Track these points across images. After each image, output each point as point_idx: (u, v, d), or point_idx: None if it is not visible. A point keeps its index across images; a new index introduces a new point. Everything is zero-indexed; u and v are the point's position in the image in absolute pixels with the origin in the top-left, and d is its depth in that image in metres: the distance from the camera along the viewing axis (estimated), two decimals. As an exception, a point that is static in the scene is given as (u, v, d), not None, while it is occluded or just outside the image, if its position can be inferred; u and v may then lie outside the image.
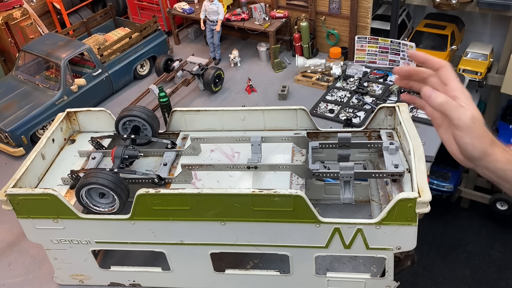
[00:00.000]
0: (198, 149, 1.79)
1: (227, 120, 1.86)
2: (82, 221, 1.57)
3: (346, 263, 1.81)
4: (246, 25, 3.28)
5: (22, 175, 1.61)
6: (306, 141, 1.74)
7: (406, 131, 1.56)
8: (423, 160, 1.44)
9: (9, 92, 2.80)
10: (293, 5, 3.29)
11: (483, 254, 3.94)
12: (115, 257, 1.88)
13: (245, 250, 1.59)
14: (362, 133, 1.80)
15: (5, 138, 2.62)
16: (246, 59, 3.42)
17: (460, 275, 3.75)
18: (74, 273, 1.78)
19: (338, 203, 1.91)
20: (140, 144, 1.85)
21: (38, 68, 2.96)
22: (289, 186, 1.62)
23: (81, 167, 1.79)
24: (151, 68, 3.33)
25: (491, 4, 2.94)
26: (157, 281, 1.77)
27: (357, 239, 1.46)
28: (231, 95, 3.04)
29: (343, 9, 3.12)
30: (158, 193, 1.45)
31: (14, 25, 3.12)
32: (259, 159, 1.67)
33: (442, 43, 3.26)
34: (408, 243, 1.46)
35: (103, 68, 2.99)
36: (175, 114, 1.89)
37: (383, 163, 1.61)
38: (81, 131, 1.98)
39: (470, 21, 3.54)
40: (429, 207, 1.34)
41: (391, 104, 1.73)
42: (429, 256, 3.96)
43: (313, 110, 2.78)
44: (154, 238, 1.59)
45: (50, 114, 2.69)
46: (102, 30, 3.46)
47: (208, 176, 1.71)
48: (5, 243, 2.10)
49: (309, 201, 1.40)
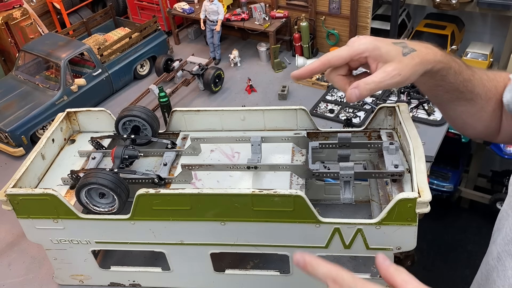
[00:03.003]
0: (198, 149, 1.79)
1: (227, 120, 1.86)
2: (82, 221, 1.57)
3: (346, 263, 1.80)
4: (246, 25, 3.28)
5: (22, 175, 1.61)
6: (306, 141, 1.74)
7: (406, 131, 1.56)
8: (423, 160, 1.44)
9: (9, 92, 2.79)
10: (293, 5, 3.29)
11: (483, 254, 3.93)
12: (115, 257, 1.88)
13: (245, 250, 1.59)
14: (362, 133, 1.80)
15: (5, 138, 2.62)
16: (246, 59, 3.42)
17: (460, 275, 3.74)
18: (74, 273, 1.78)
19: (338, 203, 1.90)
20: (140, 144, 1.85)
21: (38, 68, 2.96)
22: (289, 186, 1.62)
23: (81, 167, 1.79)
24: (151, 68, 3.33)
25: (491, 4, 2.94)
26: (157, 281, 1.77)
27: (357, 239, 1.46)
28: (231, 95, 3.04)
29: (343, 9, 3.12)
30: (158, 193, 1.45)
31: (14, 25, 3.12)
32: (259, 159, 1.67)
33: (442, 43, 3.26)
34: (408, 243, 1.46)
35: (103, 68, 2.99)
36: (175, 114, 1.89)
37: (383, 163, 1.61)
38: (81, 131, 1.98)
39: (470, 21, 3.54)
40: (429, 207, 1.34)
41: (391, 104, 1.73)
42: (429, 256, 3.96)
43: (313, 110, 2.78)
44: (154, 238, 1.59)
45: (50, 114, 2.69)
46: (102, 30, 3.46)
47: (208, 176, 1.71)
48: (5, 243, 2.10)
49: (309, 201, 1.40)
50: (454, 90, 1.13)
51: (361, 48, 1.01)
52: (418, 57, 1.00)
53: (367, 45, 1.00)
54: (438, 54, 1.04)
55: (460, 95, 1.15)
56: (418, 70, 1.00)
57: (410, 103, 2.73)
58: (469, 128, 1.30)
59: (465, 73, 1.12)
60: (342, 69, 1.08)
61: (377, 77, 0.97)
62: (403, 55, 0.99)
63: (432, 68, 1.03)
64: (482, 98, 1.18)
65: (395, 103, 1.87)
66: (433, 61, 1.03)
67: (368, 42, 1.01)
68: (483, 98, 1.18)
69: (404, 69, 0.98)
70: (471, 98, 1.17)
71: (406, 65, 0.98)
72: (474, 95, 1.16)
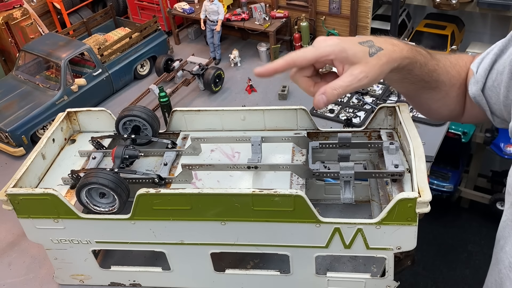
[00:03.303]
0: (198, 149, 1.79)
1: (227, 120, 1.86)
2: (83, 221, 1.57)
3: (346, 263, 1.81)
4: (246, 25, 3.28)
5: (23, 175, 1.61)
6: (306, 141, 1.74)
7: (406, 131, 1.56)
8: (423, 160, 1.44)
9: (9, 92, 2.79)
10: (293, 5, 3.29)
11: (483, 254, 3.94)
12: (115, 257, 1.88)
13: (245, 250, 1.60)
14: (362, 133, 1.80)
15: (5, 138, 2.62)
16: (246, 59, 3.42)
17: (460, 275, 3.75)
18: (75, 273, 1.79)
19: (338, 203, 1.91)
20: (141, 144, 1.85)
21: (38, 68, 2.96)
22: (289, 186, 1.62)
23: (82, 167, 1.79)
24: (151, 68, 3.33)
25: (491, 4, 2.94)
26: (157, 281, 1.77)
27: (357, 239, 1.46)
28: (231, 95, 3.04)
29: (343, 9, 3.12)
30: (159, 193, 1.45)
31: (14, 25, 3.12)
32: (259, 159, 1.67)
33: (442, 43, 3.26)
34: (408, 243, 1.46)
35: (103, 68, 2.99)
36: (175, 114, 1.89)
37: (383, 163, 1.62)
38: (81, 131, 1.99)
39: (470, 21, 3.54)
40: (429, 207, 1.34)
41: (391, 104, 1.73)
42: (429, 256, 3.96)
43: (313, 110, 2.77)
44: (155, 238, 1.59)
45: (50, 114, 2.69)
46: (102, 30, 3.46)
47: (208, 176, 1.71)
48: (6, 243, 2.10)
49: (309, 201, 1.40)
50: (420, 81, 1.14)
51: (327, 50, 0.99)
52: (385, 56, 0.99)
53: (333, 47, 0.98)
54: (404, 50, 1.03)
55: (426, 84, 1.16)
56: (385, 70, 1.00)
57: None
58: (434, 113, 1.34)
59: (430, 64, 1.12)
60: (307, 70, 1.06)
61: (344, 81, 0.96)
62: (369, 55, 0.98)
63: (399, 65, 1.03)
64: (447, 84, 1.19)
65: (395, 103, 1.87)
66: (400, 58, 1.02)
67: (335, 44, 0.99)
68: (447, 84, 1.19)
69: (371, 71, 0.97)
70: (436, 86, 1.18)
71: (373, 66, 0.97)
72: (439, 83, 1.17)
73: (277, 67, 1.03)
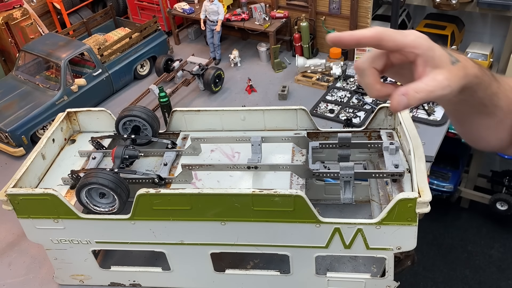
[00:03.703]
0: (198, 149, 1.79)
1: (227, 120, 1.86)
2: (83, 221, 1.57)
3: (346, 263, 1.81)
4: (246, 25, 3.28)
5: (23, 175, 1.61)
6: (306, 141, 1.74)
7: (406, 131, 1.56)
8: (423, 160, 1.44)
9: (9, 92, 2.79)
10: (293, 5, 3.29)
11: (483, 254, 3.94)
12: (115, 257, 1.88)
13: (245, 250, 1.60)
14: (362, 133, 1.81)
15: (5, 138, 2.62)
16: (246, 59, 3.42)
17: (460, 275, 3.75)
18: (75, 273, 1.79)
19: (338, 203, 1.91)
20: (140, 144, 1.85)
21: (38, 68, 2.96)
22: (289, 186, 1.62)
23: (82, 167, 1.79)
24: (151, 68, 3.33)
25: (491, 4, 2.94)
26: (157, 281, 1.77)
27: (357, 239, 1.46)
28: (231, 95, 3.04)
29: (343, 9, 3.12)
30: (159, 193, 1.45)
31: (14, 25, 3.12)
32: (259, 159, 1.67)
33: (442, 43, 3.26)
34: (408, 243, 1.46)
35: (103, 68, 2.99)
36: (175, 114, 1.89)
37: (383, 163, 1.62)
38: (81, 131, 1.99)
39: (470, 21, 3.54)
40: (429, 207, 1.34)
41: (391, 104, 1.73)
42: (429, 256, 3.96)
43: (313, 110, 2.78)
44: (154, 238, 1.59)
45: (50, 114, 2.69)
46: (102, 30, 3.46)
47: (208, 176, 1.71)
48: (6, 243, 2.10)
49: (309, 201, 1.40)
50: (479, 105, 1.00)
51: (417, 42, 0.85)
52: (463, 70, 0.86)
53: (424, 41, 0.85)
54: (475, 68, 0.90)
55: (484, 109, 1.02)
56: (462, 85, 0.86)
57: (410, 103, 2.73)
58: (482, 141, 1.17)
59: (493, 86, 0.98)
60: (380, 60, 0.90)
61: (428, 85, 0.82)
62: (451, 63, 0.85)
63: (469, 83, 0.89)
64: (504, 110, 1.04)
65: (395, 103, 1.87)
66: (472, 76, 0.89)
67: (425, 39, 0.85)
68: (504, 110, 1.04)
69: (454, 81, 0.84)
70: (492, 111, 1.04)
71: (456, 76, 0.84)
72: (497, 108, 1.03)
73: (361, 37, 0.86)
